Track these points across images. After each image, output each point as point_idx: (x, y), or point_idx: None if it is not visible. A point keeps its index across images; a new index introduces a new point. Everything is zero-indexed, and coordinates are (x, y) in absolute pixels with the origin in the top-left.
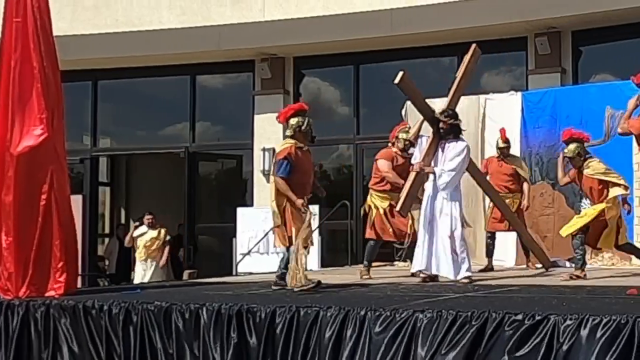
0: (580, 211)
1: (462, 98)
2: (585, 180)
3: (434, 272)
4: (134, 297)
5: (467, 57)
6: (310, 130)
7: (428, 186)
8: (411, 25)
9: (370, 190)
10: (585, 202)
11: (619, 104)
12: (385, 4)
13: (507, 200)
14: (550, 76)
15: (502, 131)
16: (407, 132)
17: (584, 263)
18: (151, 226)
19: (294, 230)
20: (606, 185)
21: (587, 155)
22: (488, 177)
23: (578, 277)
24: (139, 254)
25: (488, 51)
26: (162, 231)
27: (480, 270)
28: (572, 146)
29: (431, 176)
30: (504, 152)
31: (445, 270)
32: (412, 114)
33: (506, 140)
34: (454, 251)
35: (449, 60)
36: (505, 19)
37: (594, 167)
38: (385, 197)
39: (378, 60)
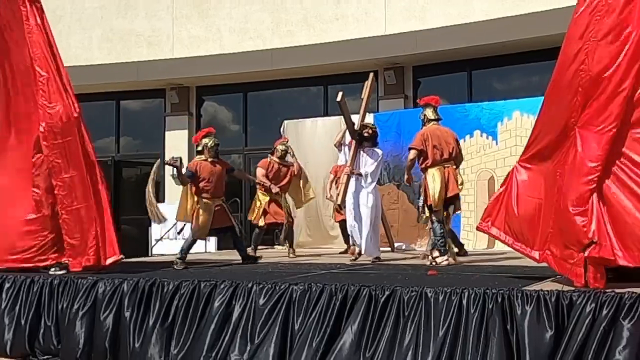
0: (418, 207)
1: (324, 119)
2: None
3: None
4: (71, 273)
5: (368, 84)
6: (215, 147)
7: (351, 185)
8: (287, 62)
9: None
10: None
11: (447, 123)
12: (267, 45)
13: None
14: (395, 101)
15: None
16: (285, 144)
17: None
18: None
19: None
20: None
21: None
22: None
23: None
24: None
25: (347, 81)
26: None
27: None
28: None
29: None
30: None
31: (370, 250)
32: (288, 131)
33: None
34: (375, 234)
35: (317, 89)
36: (361, 57)
37: None
38: (265, 195)
39: (262, 89)
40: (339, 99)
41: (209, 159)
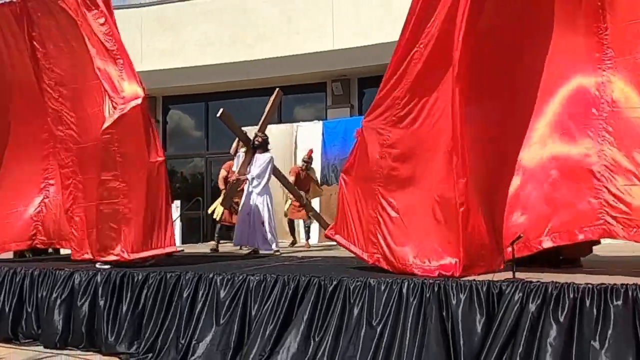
0: None
1: (279, 126)
2: None
3: (251, 246)
4: (50, 265)
5: (272, 97)
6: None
7: (245, 187)
8: (245, 74)
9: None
10: None
11: None
12: (226, 59)
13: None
14: (342, 110)
15: (309, 151)
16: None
17: None
18: None
19: None
20: None
21: None
22: (292, 180)
23: None
24: None
25: (299, 92)
26: None
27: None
28: None
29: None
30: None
31: (260, 245)
32: None
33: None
34: (267, 232)
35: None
36: (311, 70)
37: None
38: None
39: (222, 99)
40: (218, 115)
41: None
